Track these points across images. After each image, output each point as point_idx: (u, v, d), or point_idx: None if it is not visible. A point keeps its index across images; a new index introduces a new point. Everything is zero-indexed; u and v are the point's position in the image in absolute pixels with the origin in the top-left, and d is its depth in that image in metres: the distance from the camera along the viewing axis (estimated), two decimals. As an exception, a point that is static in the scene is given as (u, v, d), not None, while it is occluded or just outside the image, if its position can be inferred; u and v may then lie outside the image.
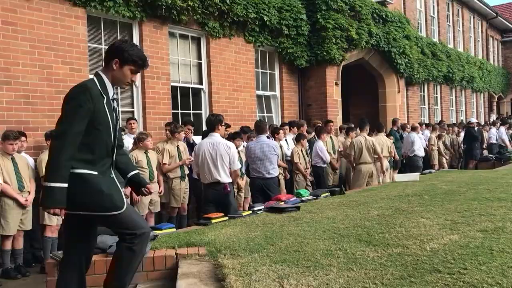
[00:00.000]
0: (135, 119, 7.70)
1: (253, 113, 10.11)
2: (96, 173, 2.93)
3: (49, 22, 6.79)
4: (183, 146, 7.38)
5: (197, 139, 8.06)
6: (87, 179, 2.89)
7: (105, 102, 2.95)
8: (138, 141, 6.79)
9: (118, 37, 7.86)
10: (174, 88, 8.66)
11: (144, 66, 3.14)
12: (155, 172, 6.83)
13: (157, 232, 4.54)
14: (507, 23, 26.21)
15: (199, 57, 9.18)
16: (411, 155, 11.76)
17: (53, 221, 5.84)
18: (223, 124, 6.10)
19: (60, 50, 6.89)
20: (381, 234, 4.16)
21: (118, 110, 3.24)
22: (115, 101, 3.10)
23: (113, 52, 3.03)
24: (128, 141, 7.08)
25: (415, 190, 7.06)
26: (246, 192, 7.67)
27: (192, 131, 8.14)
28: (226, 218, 5.22)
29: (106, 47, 7.58)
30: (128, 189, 6.41)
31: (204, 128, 8.49)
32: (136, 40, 8.01)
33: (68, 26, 7.01)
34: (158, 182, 6.96)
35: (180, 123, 8.08)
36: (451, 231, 4.14)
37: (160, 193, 6.98)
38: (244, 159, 7.46)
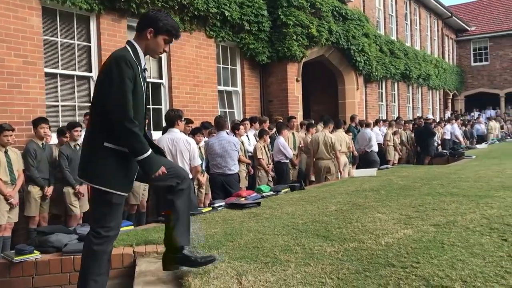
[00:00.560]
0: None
1: (215, 108, 10.07)
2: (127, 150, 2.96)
3: (1, 13, 6.52)
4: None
5: (156, 135, 7.96)
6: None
7: (140, 71, 2.97)
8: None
9: (75, 30, 7.65)
10: (133, 83, 8.49)
11: (177, 37, 3.15)
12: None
13: (115, 230, 4.46)
14: (461, 23, 27.16)
15: (159, 52, 9.04)
16: (369, 150, 12.03)
17: (2, 220, 5.64)
18: (183, 119, 6.05)
19: (13, 43, 6.63)
20: (338, 229, 4.24)
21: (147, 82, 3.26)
22: (145, 71, 3.11)
23: (147, 21, 3.02)
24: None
25: (372, 185, 7.23)
26: (206, 189, 7.64)
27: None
28: (186, 215, 5.18)
29: (62, 40, 7.44)
30: (83, 187, 6.28)
31: (164, 123, 8.42)
32: (93, 33, 7.82)
33: (22, 18, 6.75)
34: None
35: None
36: (405, 226, 4.27)
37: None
38: (204, 155, 7.43)
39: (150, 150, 2.91)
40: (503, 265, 2.98)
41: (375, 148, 12.03)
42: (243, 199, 5.97)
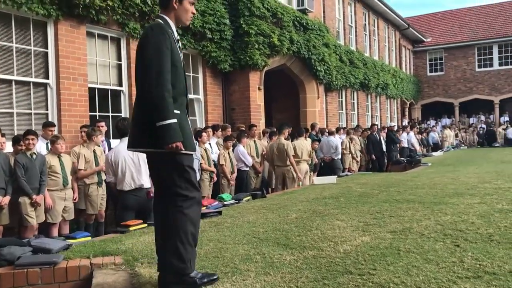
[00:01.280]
0: (54, 125, 7.19)
1: (176, 116, 9.97)
2: (179, 112, 2.93)
3: (-49, 16, 6.28)
4: (100, 150, 7.11)
5: (115, 143, 7.84)
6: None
7: (176, 41, 3.01)
8: (50, 144, 6.48)
9: (31, 36, 7.44)
10: (91, 90, 8.34)
11: None
12: (69, 178, 6.53)
13: (71, 241, 4.36)
14: (417, 34, 28.10)
15: (119, 58, 8.92)
16: (336, 158, 12.29)
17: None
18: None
19: (-36, 48, 6.39)
20: (298, 237, 4.28)
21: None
22: (179, 42, 3.13)
23: None
24: (40, 145, 6.71)
25: (332, 193, 7.35)
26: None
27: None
28: (145, 225, 5.12)
29: (18, 45, 7.22)
30: (40, 197, 6.09)
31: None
32: (51, 40, 7.62)
33: (-26, 22, 6.52)
34: (72, 188, 6.66)
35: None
36: (363, 233, 4.36)
37: (74, 199, 6.68)
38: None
39: (176, 120, 2.84)
40: (455, 271, 3.09)
41: (340, 156, 12.33)
42: (204, 208, 5.93)
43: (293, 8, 13.41)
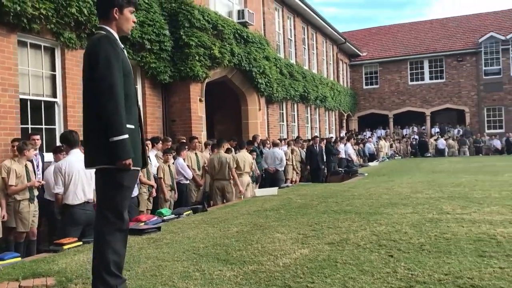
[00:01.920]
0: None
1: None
2: (132, 126, 2.92)
3: None
4: (31, 165, 6.77)
5: (48, 156, 7.52)
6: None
7: (122, 50, 2.96)
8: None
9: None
10: (23, 101, 7.94)
11: (137, 3, 3.15)
12: (-2, 194, 6.16)
13: (-1, 263, 4.10)
14: (354, 48, 29.19)
15: (53, 69, 8.58)
16: (281, 169, 12.43)
17: None
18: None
19: None
20: (238, 252, 4.27)
21: None
22: (125, 51, 3.04)
23: (108, 3, 3.01)
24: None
25: (273, 205, 7.41)
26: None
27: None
28: (80, 243, 4.92)
29: None
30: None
31: (58, 144, 7.95)
32: (-23, 48, 7.20)
33: None
34: (0, 205, 6.28)
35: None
36: (302, 245, 4.42)
37: (3, 218, 6.29)
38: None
39: (127, 135, 2.79)
40: (389, 281, 3.20)
41: (283, 168, 12.51)
42: (143, 223, 5.79)
43: (233, 21, 13.52)
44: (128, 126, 2.86)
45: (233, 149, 10.39)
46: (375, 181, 11.22)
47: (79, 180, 5.61)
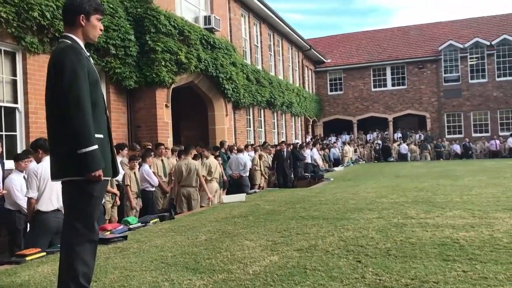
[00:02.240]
0: None
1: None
2: (101, 136, 2.87)
3: None
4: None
5: (9, 164, 7.27)
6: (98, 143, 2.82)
7: (87, 58, 2.92)
8: None
9: None
10: (-19, 107, 7.67)
11: (104, 10, 3.10)
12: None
13: (-44, 277, 3.92)
14: (319, 55, 29.60)
15: (14, 74, 8.31)
16: (244, 175, 12.40)
17: None
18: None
19: None
20: (208, 260, 4.24)
21: None
22: (91, 59, 2.97)
23: (74, 9, 2.94)
24: None
25: (241, 211, 7.40)
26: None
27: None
28: (44, 253, 4.77)
29: None
30: None
31: (19, 151, 7.71)
32: None
33: None
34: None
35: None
36: (271, 252, 4.43)
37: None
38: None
39: (97, 146, 2.75)
40: (358, 287, 3.24)
41: (248, 173, 12.48)
42: (108, 232, 5.67)
43: (200, 27, 13.47)
44: (97, 135, 2.81)
45: (200, 155, 10.33)
46: (341, 186, 11.39)
47: (54, 186, 5.40)
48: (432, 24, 32.84)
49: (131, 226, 6.24)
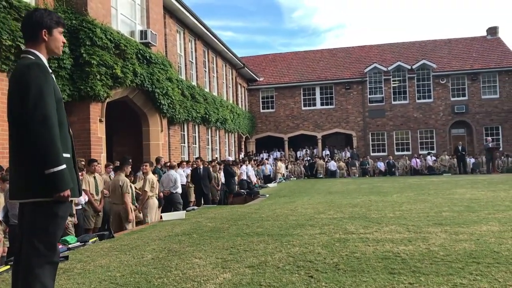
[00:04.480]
0: None
1: (5, 149, 8.93)
2: (69, 155, 2.80)
3: None
4: None
5: None
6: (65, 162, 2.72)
7: (52, 74, 2.83)
8: None
9: None
10: None
11: (64, 23, 2.99)
12: None
13: None
14: (251, 73, 30.09)
15: None
16: (174, 192, 12.16)
17: None
18: None
19: None
20: (159, 279, 4.16)
21: None
22: (53, 75, 2.89)
23: (35, 24, 2.85)
24: None
25: (184, 229, 7.31)
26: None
27: None
28: (8, 267, 4.44)
29: None
30: None
31: None
32: None
33: None
34: None
35: None
36: (223, 270, 4.43)
37: None
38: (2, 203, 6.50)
39: (65, 166, 2.65)
40: (315, 301, 3.34)
41: (180, 190, 12.26)
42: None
43: (136, 41, 13.26)
44: (65, 155, 2.72)
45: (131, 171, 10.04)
46: (277, 202, 11.57)
47: None
48: (358, 47, 34.56)
49: (70, 246, 5.97)
